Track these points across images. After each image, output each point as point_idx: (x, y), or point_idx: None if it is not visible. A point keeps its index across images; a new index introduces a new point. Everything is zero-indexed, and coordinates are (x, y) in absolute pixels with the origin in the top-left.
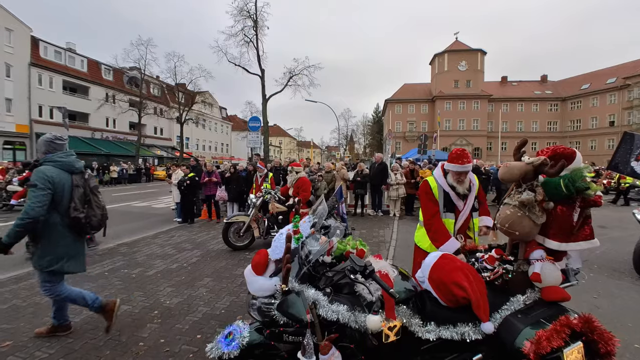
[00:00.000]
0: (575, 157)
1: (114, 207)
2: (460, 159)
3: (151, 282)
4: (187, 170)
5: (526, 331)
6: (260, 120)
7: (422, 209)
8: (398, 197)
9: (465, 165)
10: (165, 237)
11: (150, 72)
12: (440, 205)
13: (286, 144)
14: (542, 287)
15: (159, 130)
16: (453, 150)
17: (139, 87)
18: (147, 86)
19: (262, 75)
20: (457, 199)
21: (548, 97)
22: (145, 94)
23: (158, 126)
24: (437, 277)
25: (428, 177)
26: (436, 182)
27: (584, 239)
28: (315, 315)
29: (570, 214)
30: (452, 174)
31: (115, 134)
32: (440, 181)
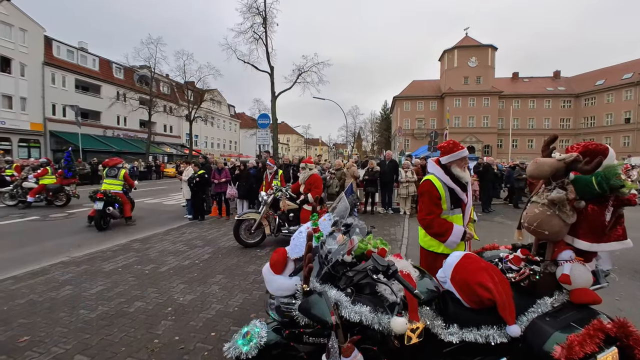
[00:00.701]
0: (609, 154)
1: None
2: (456, 146)
3: (164, 279)
4: (196, 167)
5: (556, 335)
6: (269, 117)
7: (421, 208)
8: (408, 194)
9: (464, 150)
10: (176, 233)
11: (160, 71)
12: (447, 204)
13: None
14: (572, 289)
15: (168, 128)
16: (444, 144)
17: (149, 85)
18: (157, 84)
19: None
20: (461, 193)
21: (561, 93)
22: (155, 92)
23: (168, 124)
24: (460, 277)
25: (429, 177)
26: (440, 181)
27: (616, 240)
28: (338, 317)
29: (602, 213)
30: (457, 164)
31: (126, 132)
32: (444, 179)
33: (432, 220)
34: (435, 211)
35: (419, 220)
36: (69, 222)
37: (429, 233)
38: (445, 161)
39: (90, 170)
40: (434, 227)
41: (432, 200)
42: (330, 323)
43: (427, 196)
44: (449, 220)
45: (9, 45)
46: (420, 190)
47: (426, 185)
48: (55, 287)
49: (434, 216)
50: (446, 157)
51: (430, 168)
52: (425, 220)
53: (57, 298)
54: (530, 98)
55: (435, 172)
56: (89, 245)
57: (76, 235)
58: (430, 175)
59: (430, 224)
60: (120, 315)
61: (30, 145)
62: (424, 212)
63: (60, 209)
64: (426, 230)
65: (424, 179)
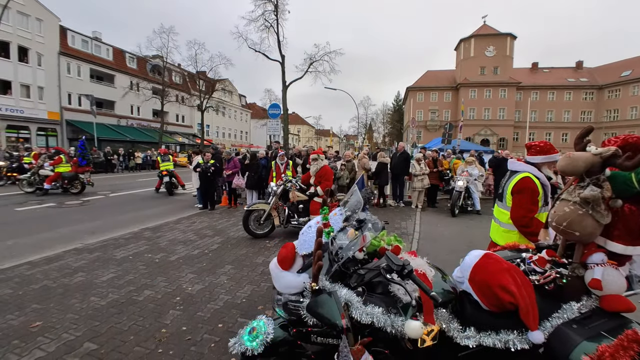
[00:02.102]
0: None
1: (138, 192)
2: (552, 149)
3: (173, 268)
4: (209, 156)
5: (584, 345)
6: (280, 107)
7: (519, 205)
8: (422, 187)
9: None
10: (186, 222)
11: (172, 60)
12: (542, 202)
13: (304, 132)
14: (602, 295)
15: (180, 117)
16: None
17: (162, 75)
18: (169, 74)
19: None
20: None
21: (583, 85)
22: (168, 82)
23: (180, 114)
24: (480, 279)
25: (527, 174)
26: (538, 179)
27: None
28: (348, 318)
29: (639, 214)
30: (548, 165)
31: (139, 121)
32: (541, 177)
33: (532, 219)
34: (534, 209)
35: (516, 218)
36: (84, 210)
37: (524, 232)
38: (540, 161)
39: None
40: (532, 226)
41: (533, 197)
42: (340, 326)
43: (528, 193)
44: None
45: (27, 35)
46: (519, 187)
47: (527, 182)
48: (68, 274)
49: (533, 215)
50: (541, 157)
51: (520, 166)
52: (524, 219)
53: (70, 284)
54: (550, 89)
55: (531, 170)
56: (102, 232)
57: (90, 222)
58: (526, 172)
59: (529, 223)
60: (130, 303)
61: (47, 133)
62: (523, 210)
63: (75, 196)
64: (522, 229)
65: (523, 176)
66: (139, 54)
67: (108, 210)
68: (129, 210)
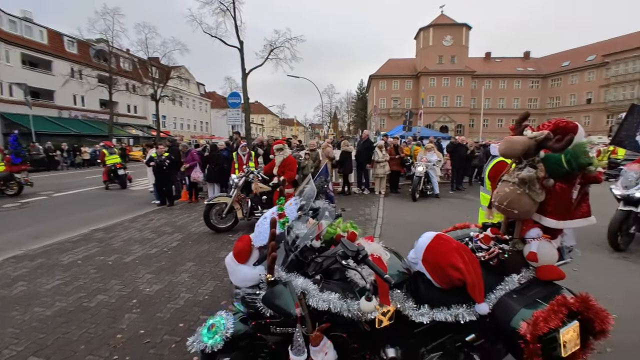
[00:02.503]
0: (578, 131)
1: (88, 190)
2: None
3: (129, 269)
4: (162, 149)
5: (522, 312)
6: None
7: None
8: (384, 174)
9: None
10: (143, 220)
11: (119, 45)
12: None
13: (268, 122)
14: (538, 266)
15: (132, 108)
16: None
17: (108, 61)
18: (117, 60)
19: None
20: None
21: (530, 74)
22: (115, 68)
23: (131, 104)
24: (432, 259)
25: (502, 159)
26: None
27: (581, 217)
28: (304, 306)
29: (569, 191)
30: None
31: (84, 113)
32: None
33: None
34: None
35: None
36: (23, 213)
37: None
38: None
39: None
40: None
41: None
42: (294, 315)
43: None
44: None
45: None
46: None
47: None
48: (7, 285)
49: None
50: None
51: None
52: None
53: (9, 296)
54: (502, 78)
55: None
56: (46, 237)
57: (31, 226)
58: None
59: None
60: (80, 310)
61: None
62: None
63: (12, 198)
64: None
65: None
66: (80, 37)
67: (52, 212)
68: (77, 210)
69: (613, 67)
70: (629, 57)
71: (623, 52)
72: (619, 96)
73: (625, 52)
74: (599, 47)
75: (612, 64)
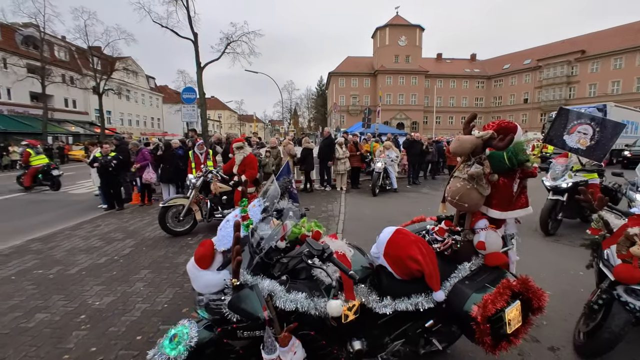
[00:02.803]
0: (517, 131)
1: (18, 196)
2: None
3: (74, 282)
4: (108, 148)
5: (474, 296)
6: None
7: None
8: (345, 170)
9: None
10: (89, 227)
11: (52, 31)
12: None
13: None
14: (486, 254)
15: (70, 102)
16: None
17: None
18: (50, 48)
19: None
20: None
21: (476, 75)
22: (49, 57)
23: (69, 97)
24: (393, 252)
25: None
26: None
27: (521, 207)
28: (272, 309)
29: (510, 185)
30: None
31: (11, 107)
32: None
33: None
34: None
35: None
36: None
37: None
38: None
39: None
40: None
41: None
42: (262, 318)
43: None
44: None
45: None
46: None
47: None
48: None
49: None
50: None
51: None
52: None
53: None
54: (452, 78)
55: None
56: None
57: None
58: None
59: None
60: (17, 333)
61: None
62: None
63: None
64: None
65: None
66: (3, 20)
67: None
68: (6, 219)
69: (545, 70)
70: (558, 62)
71: (553, 57)
72: (550, 97)
73: (555, 57)
74: (534, 52)
75: (544, 67)
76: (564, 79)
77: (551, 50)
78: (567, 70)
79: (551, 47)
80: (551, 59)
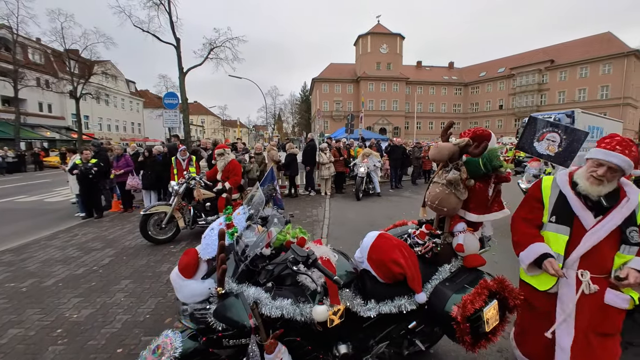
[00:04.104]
0: (491, 138)
1: None
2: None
3: (50, 295)
4: (88, 154)
5: (454, 297)
6: (177, 96)
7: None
8: (329, 175)
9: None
10: (65, 236)
11: (26, 33)
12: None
13: (209, 123)
14: (464, 255)
15: (45, 106)
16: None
17: (11, 51)
18: (24, 51)
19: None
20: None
21: (454, 82)
22: (22, 60)
23: (44, 102)
24: (376, 256)
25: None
26: (554, 180)
27: (497, 210)
28: (257, 316)
29: (486, 189)
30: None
31: None
32: (560, 180)
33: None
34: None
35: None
36: None
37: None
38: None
39: None
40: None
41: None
42: (248, 326)
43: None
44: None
45: None
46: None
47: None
48: None
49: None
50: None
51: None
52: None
53: None
54: (431, 85)
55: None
56: None
57: None
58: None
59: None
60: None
61: None
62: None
63: None
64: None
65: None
66: None
67: None
68: None
69: (518, 78)
70: (529, 71)
71: (525, 66)
72: (523, 103)
73: (527, 66)
74: (507, 61)
75: (517, 75)
76: (536, 87)
77: (523, 59)
78: (538, 79)
79: (523, 57)
80: (523, 68)
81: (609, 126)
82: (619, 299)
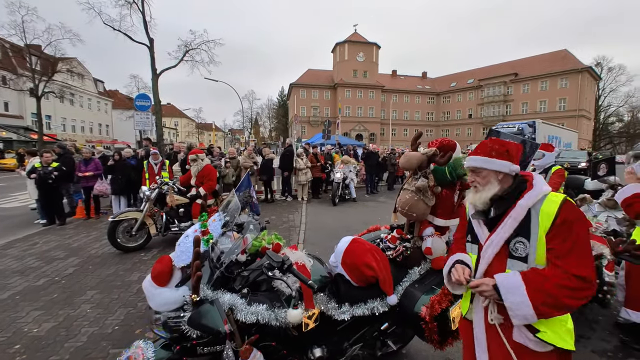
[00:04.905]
0: (456, 148)
1: None
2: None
3: (7, 309)
4: (48, 157)
5: (422, 298)
6: (150, 98)
7: None
8: (306, 181)
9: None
10: (23, 245)
11: None
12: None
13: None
14: (432, 258)
15: (1, 104)
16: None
17: None
18: None
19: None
20: (478, 225)
21: (427, 91)
22: None
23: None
24: (350, 261)
25: None
26: None
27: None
28: (232, 322)
29: (452, 196)
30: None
31: None
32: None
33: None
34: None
35: None
36: None
37: None
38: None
39: None
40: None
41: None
42: (223, 333)
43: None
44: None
45: None
46: None
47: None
48: None
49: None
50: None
51: None
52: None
53: None
54: (405, 93)
55: None
56: None
57: None
58: None
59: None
60: None
61: None
62: None
63: None
64: None
65: None
66: None
67: None
68: None
69: (485, 89)
70: (496, 83)
71: (492, 78)
72: (490, 113)
73: (493, 78)
74: (476, 73)
75: (485, 87)
76: (502, 98)
77: (490, 72)
78: (503, 90)
79: (490, 69)
80: (490, 80)
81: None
82: (528, 340)
